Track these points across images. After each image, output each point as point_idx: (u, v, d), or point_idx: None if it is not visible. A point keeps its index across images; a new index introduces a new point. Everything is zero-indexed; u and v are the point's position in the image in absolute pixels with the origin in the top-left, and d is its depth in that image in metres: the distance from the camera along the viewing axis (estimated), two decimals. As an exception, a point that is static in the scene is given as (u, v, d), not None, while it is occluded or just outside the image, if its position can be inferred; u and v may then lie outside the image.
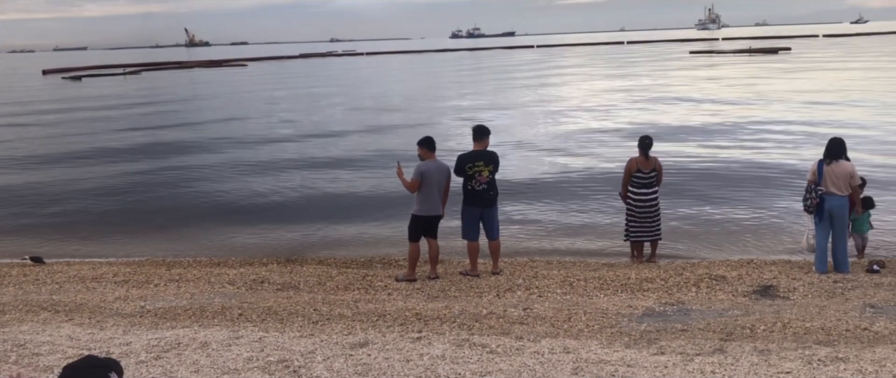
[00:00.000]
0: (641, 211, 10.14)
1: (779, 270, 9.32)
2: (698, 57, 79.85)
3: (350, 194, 15.95)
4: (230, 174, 18.74)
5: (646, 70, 59.10)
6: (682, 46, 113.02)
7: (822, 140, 9.67)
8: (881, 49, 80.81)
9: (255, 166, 19.78)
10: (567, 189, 15.66)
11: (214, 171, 19.35)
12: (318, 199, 15.69)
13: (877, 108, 27.42)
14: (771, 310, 7.45)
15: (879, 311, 7.30)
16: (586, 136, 23.09)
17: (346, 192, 16.15)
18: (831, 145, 9.19)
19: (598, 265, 10.16)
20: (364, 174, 18.11)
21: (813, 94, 33.72)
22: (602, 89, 40.28)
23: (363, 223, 13.51)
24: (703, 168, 17.29)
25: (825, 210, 9.08)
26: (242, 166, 19.86)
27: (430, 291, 8.82)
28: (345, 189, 16.49)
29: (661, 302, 7.87)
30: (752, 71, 52.69)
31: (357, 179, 17.49)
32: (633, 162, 10.12)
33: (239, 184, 17.49)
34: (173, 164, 20.48)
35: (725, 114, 27.40)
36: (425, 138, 9.42)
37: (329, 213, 14.33)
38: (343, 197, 15.75)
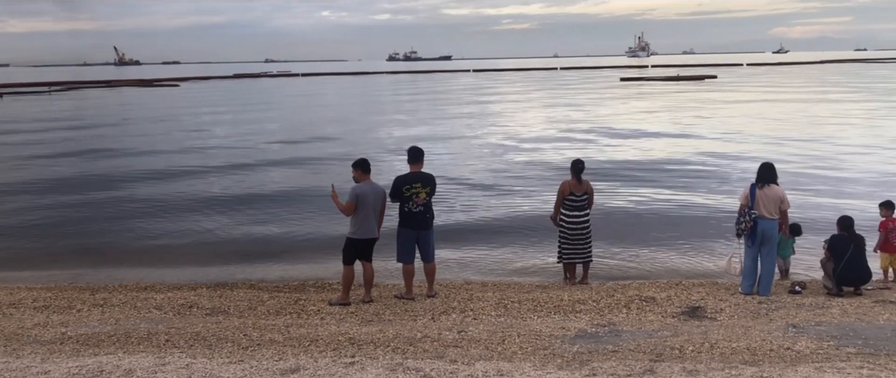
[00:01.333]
0: (573, 233, 10.27)
1: (706, 292, 9.56)
2: (629, 84, 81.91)
3: (282, 218, 15.70)
4: (160, 198, 18.23)
5: (580, 97, 60.26)
6: (613, 73, 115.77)
7: (735, 163, 9.96)
8: (802, 76, 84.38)
9: (186, 190, 19.31)
10: (502, 211, 15.77)
11: (143, 194, 18.82)
12: (250, 222, 15.38)
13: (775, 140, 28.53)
14: (699, 330, 7.61)
15: (801, 330, 7.54)
16: (522, 160, 23.34)
17: (278, 216, 15.89)
18: (763, 170, 9.50)
19: (532, 287, 10.24)
20: (297, 197, 17.88)
21: (737, 120, 34.94)
22: (538, 116, 40.81)
23: (296, 247, 13.31)
24: (633, 192, 17.64)
25: (757, 233, 9.36)
26: (172, 190, 19.36)
27: (364, 315, 8.72)
28: (277, 212, 16.22)
29: (593, 323, 7.96)
30: (680, 98, 54.28)
31: (290, 202, 17.25)
32: (565, 185, 10.27)
33: (168, 208, 17.02)
34: (100, 188, 19.83)
35: (654, 141, 28.11)
36: (360, 160, 9.36)
37: (261, 237, 14.08)
38: (275, 220, 15.49)
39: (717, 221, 13.78)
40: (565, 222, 10.29)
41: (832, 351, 6.82)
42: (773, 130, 30.57)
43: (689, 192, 17.43)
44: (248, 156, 25.44)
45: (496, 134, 29.43)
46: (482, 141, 27.32)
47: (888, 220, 10.06)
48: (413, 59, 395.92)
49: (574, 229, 10.26)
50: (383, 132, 31.76)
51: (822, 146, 25.23)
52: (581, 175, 10.27)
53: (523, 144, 26.37)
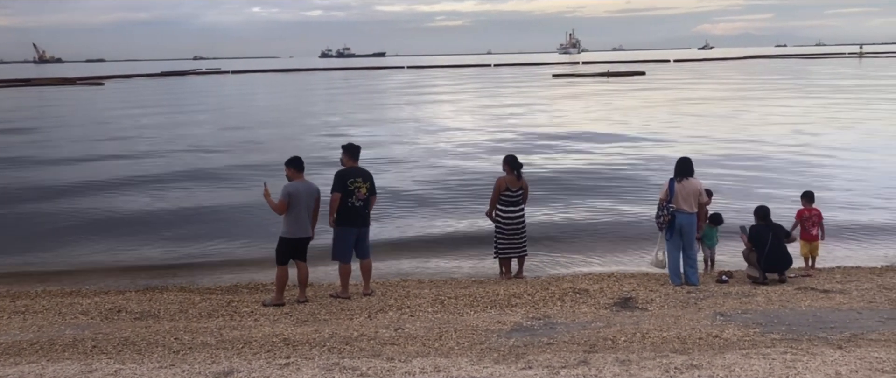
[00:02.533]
0: (509, 228, 10.36)
1: (637, 283, 9.77)
2: (561, 79, 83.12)
3: (214, 218, 15.40)
4: (85, 197, 17.64)
5: (513, 92, 60.83)
6: (546, 69, 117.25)
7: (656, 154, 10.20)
8: (726, 70, 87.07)
9: (112, 189, 18.73)
10: (438, 210, 15.81)
11: (67, 192, 18.18)
12: (180, 224, 15.03)
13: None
14: (631, 321, 7.77)
15: (729, 318, 7.77)
16: (457, 160, 23.42)
17: (209, 216, 15.58)
18: (681, 164, 9.74)
19: (469, 282, 10.29)
20: (229, 196, 17.56)
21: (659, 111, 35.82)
22: (475, 117, 40.98)
23: (229, 247, 13.07)
24: (568, 182, 17.92)
25: (676, 226, 9.59)
26: (99, 189, 18.76)
27: (299, 316, 8.61)
28: (208, 213, 15.90)
29: (528, 316, 8.04)
30: (611, 94, 55.34)
31: (221, 202, 16.92)
32: (502, 181, 10.34)
33: (95, 206, 16.50)
34: (21, 186, 19.08)
35: (585, 137, 28.61)
36: (293, 158, 9.24)
37: (192, 239, 13.77)
38: (207, 221, 15.18)
39: (649, 215, 14.11)
40: (501, 217, 10.36)
41: (758, 337, 7.05)
42: (698, 125, 31.44)
43: (621, 186, 17.80)
44: (175, 160, 24.72)
45: (435, 137, 29.36)
46: (420, 144, 27.25)
47: (805, 209, 10.49)
48: (346, 56, 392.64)
49: (510, 224, 10.34)
50: (318, 138, 31.38)
51: (747, 144, 26.04)
52: (517, 170, 10.36)
53: (460, 148, 26.38)
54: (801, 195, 10.72)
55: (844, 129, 28.60)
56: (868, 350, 6.44)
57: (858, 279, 9.86)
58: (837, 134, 27.30)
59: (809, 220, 10.42)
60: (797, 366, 6.00)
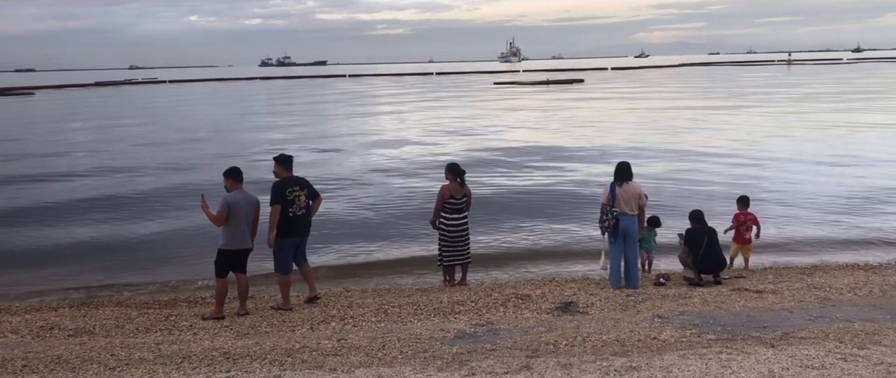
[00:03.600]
0: (453, 236, 10.40)
1: (578, 287, 9.92)
2: (503, 88, 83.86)
3: (151, 231, 15.05)
4: (14, 213, 17.02)
5: (457, 101, 61.10)
6: (487, 77, 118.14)
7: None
8: (663, 77, 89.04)
9: (44, 203, 18.13)
10: (382, 219, 15.75)
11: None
12: (116, 237, 14.63)
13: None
14: (572, 325, 7.88)
15: (666, 320, 7.95)
16: (400, 168, 23.39)
17: (146, 229, 15.21)
18: (620, 168, 9.94)
19: (413, 291, 10.29)
20: (166, 208, 17.18)
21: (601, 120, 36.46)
22: (418, 122, 41.02)
23: (166, 261, 12.78)
24: (509, 193, 18.05)
25: (620, 229, 9.78)
26: (29, 204, 18.12)
27: (239, 328, 8.48)
28: (145, 226, 15.52)
29: (471, 323, 8.08)
30: (551, 102, 56.06)
31: (159, 214, 16.55)
32: (445, 189, 10.38)
33: (25, 223, 15.93)
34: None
35: (529, 142, 28.91)
36: (231, 169, 9.11)
37: (128, 253, 13.43)
38: (144, 234, 14.81)
39: (591, 219, 14.33)
40: (445, 225, 10.40)
41: (694, 338, 7.23)
42: (636, 131, 32.09)
43: (562, 190, 18.04)
44: (104, 179, 23.78)
45: (376, 149, 29.13)
46: (361, 158, 27.07)
47: (741, 213, 10.84)
48: (287, 65, 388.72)
49: (454, 232, 10.39)
50: (259, 155, 30.93)
51: (684, 149, 26.66)
52: (460, 178, 10.42)
53: (401, 161, 26.34)
54: (737, 199, 11.09)
55: (777, 135, 29.51)
56: (799, 348, 6.66)
57: (789, 279, 10.20)
58: (771, 138, 28.17)
59: (745, 224, 10.75)
60: (732, 365, 6.16)
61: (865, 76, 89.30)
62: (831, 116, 36.60)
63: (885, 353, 6.42)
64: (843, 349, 6.58)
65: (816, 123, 33.53)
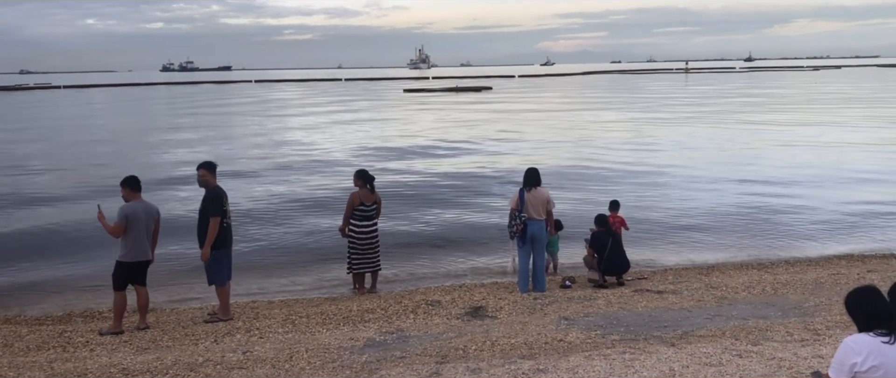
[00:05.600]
0: (363, 243, 10.33)
1: (487, 292, 10.01)
2: (412, 94, 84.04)
3: (44, 242, 14.31)
4: None
5: (366, 107, 60.82)
6: (396, 84, 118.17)
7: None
8: (568, 84, 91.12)
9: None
10: (289, 227, 15.48)
11: None
12: (3, 249, 13.84)
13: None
14: (481, 329, 7.93)
15: (572, 322, 8.10)
16: (307, 175, 23.08)
17: (38, 241, 14.46)
18: (529, 174, 10.10)
19: (321, 300, 10.14)
20: (60, 219, 16.36)
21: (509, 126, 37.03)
22: (326, 130, 40.57)
23: (60, 274, 12.17)
24: (417, 197, 18.07)
25: (528, 234, 9.93)
26: None
27: (139, 343, 8.15)
28: (37, 237, 14.75)
29: (381, 331, 8.03)
30: (459, 108, 56.51)
31: (51, 225, 15.75)
32: (355, 196, 10.30)
33: None
34: None
35: (436, 149, 29.04)
36: (129, 178, 8.75)
37: (18, 264, 12.71)
38: (35, 246, 14.07)
39: (498, 225, 14.49)
40: (355, 232, 10.31)
41: (599, 339, 7.40)
42: (543, 137, 32.72)
43: (472, 197, 18.19)
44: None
45: (283, 155, 28.67)
46: (269, 163, 26.58)
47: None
48: (190, 70, 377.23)
49: (364, 239, 10.31)
50: (160, 158, 29.92)
51: (589, 155, 27.34)
52: (370, 184, 10.36)
53: (310, 167, 25.99)
54: (609, 204, 11.57)
55: (678, 140, 30.64)
56: (697, 346, 6.91)
57: (688, 280, 10.59)
58: (670, 143, 29.23)
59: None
60: (635, 364, 6.34)
61: (757, 83, 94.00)
62: (726, 120, 38.33)
63: (776, 349, 6.73)
64: (738, 346, 6.86)
65: (713, 127, 35.02)
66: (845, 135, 31.40)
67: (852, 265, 11.40)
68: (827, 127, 34.96)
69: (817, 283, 10.02)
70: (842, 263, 11.66)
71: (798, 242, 13.56)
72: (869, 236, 13.86)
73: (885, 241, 13.44)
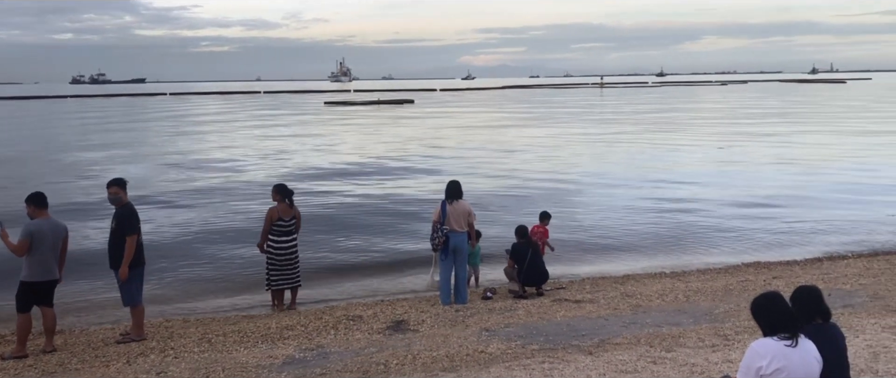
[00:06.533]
0: (282, 259, 10.17)
1: (409, 305, 10.00)
2: (333, 107, 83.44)
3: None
4: None
5: (286, 122, 60.02)
6: (317, 97, 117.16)
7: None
8: (488, 98, 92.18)
9: None
10: (205, 245, 15.09)
11: None
12: None
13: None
14: (402, 343, 7.91)
15: (493, 334, 8.17)
16: (223, 191, 22.58)
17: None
18: (451, 187, 10.16)
19: (238, 318, 9.93)
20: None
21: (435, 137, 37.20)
22: (245, 145, 39.77)
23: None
24: (338, 214, 17.92)
25: (450, 247, 9.97)
26: None
27: (45, 367, 7.78)
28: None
29: (301, 348, 7.91)
30: (381, 122, 56.42)
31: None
32: (273, 211, 10.14)
33: None
34: None
35: (359, 163, 28.90)
36: (34, 194, 8.37)
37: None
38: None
39: (422, 241, 14.51)
40: (273, 248, 10.14)
41: (519, 349, 7.48)
42: (463, 150, 32.98)
43: (391, 210, 18.15)
44: None
45: (200, 172, 27.86)
46: (185, 181, 25.83)
47: (536, 226, 11.49)
48: (101, 82, 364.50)
49: (283, 254, 10.15)
50: (67, 178, 28.70)
51: (508, 168, 27.67)
52: (289, 198, 10.22)
53: (228, 184, 25.44)
54: (540, 214, 11.81)
55: (594, 154, 31.37)
56: (614, 354, 7.08)
57: (605, 288, 10.84)
58: (587, 157, 29.91)
59: (537, 236, 11.37)
60: (554, 374, 6.44)
61: (668, 97, 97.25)
62: (643, 133, 39.49)
63: (689, 355, 6.95)
64: (653, 353, 7.06)
65: (627, 140, 36.01)
66: (753, 149, 32.76)
67: (759, 272, 11.89)
68: (736, 141, 36.40)
69: (727, 289, 10.40)
70: (749, 271, 12.15)
71: (709, 251, 14.06)
72: (774, 245, 14.49)
73: (790, 247, 14.09)
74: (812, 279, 10.46)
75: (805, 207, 18.11)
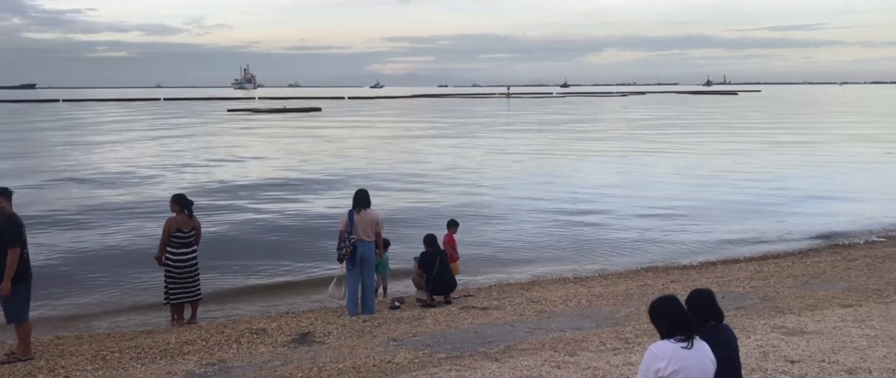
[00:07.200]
0: (181, 271, 9.84)
1: (315, 317, 9.84)
2: (237, 115, 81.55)
3: None
4: None
5: (187, 132, 58.24)
6: (220, 104, 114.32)
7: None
8: (397, 107, 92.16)
9: None
10: (100, 265, 14.31)
11: None
12: None
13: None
14: (308, 356, 7.77)
15: (401, 343, 8.13)
16: (121, 207, 21.67)
17: None
18: (359, 196, 10.06)
19: (136, 334, 9.53)
20: None
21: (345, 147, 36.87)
22: (144, 155, 38.36)
23: None
24: (241, 234, 17.43)
25: (357, 256, 9.87)
26: None
27: (-81, 392, 7.26)
28: None
29: (201, 363, 7.66)
30: (289, 129, 55.53)
31: None
32: (172, 222, 9.80)
33: None
34: None
35: (264, 177, 28.32)
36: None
37: None
38: None
39: (323, 248, 14.30)
40: (172, 261, 9.80)
41: (426, 358, 7.46)
42: (369, 160, 32.83)
43: (293, 221, 17.85)
44: None
45: (94, 185, 26.65)
46: (77, 196, 24.62)
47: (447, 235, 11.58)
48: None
49: (182, 267, 9.82)
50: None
51: (416, 177, 27.71)
52: (188, 209, 9.90)
53: (123, 197, 24.42)
54: (447, 222, 11.89)
55: (502, 165, 31.78)
56: (519, 359, 7.15)
57: (511, 295, 10.97)
58: (495, 165, 30.28)
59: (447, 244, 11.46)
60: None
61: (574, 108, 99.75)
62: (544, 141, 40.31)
63: (591, 359, 7.10)
64: (557, 357, 7.17)
65: (534, 152, 36.69)
66: (653, 159, 33.94)
67: (657, 277, 12.29)
68: (637, 151, 37.64)
69: (627, 294, 10.70)
70: (648, 275, 12.55)
71: (610, 257, 14.44)
72: (672, 250, 15.02)
73: (687, 252, 14.65)
74: (707, 282, 10.89)
75: (701, 213, 18.86)
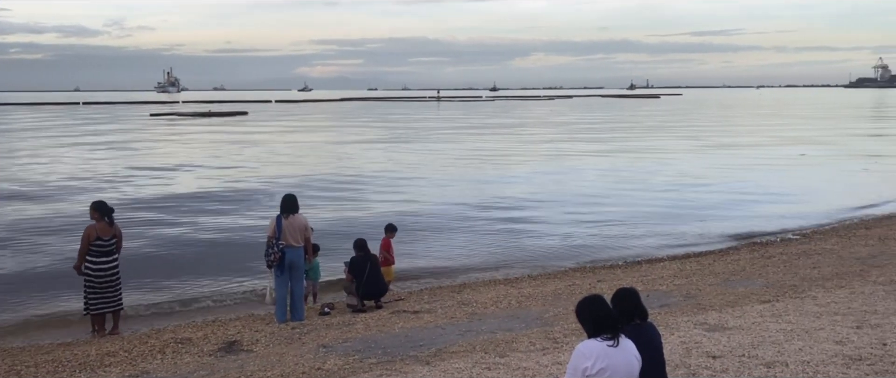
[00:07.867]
0: (101, 281, 9.53)
1: (242, 325, 9.65)
2: (160, 119, 79.44)
3: None
4: None
5: (109, 139, 56.38)
6: (143, 108, 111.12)
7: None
8: (326, 111, 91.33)
9: None
10: (8, 275, 13.75)
11: None
12: None
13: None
14: (235, 365, 7.61)
15: (331, 349, 8.04)
16: (34, 222, 20.83)
17: None
18: (286, 201, 9.92)
19: (53, 346, 9.17)
20: None
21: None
22: (60, 160, 36.96)
23: None
24: (165, 233, 17.04)
25: (286, 262, 9.72)
26: None
27: None
28: None
29: (124, 375, 7.42)
30: (214, 136, 54.38)
31: None
32: (92, 230, 9.48)
33: None
34: None
35: (188, 188, 27.66)
36: None
37: None
38: None
39: (252, 253, 14.02)
40: (92, 270, 9.47)
41: (357, 364, 7.40)
42: (297, 164, 32.45)
43: (219, 227, 17.49)
44: None
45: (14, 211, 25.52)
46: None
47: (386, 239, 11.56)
48: None
49: (102, 276, 9.51)
50: None
51: (346, 181, 27.52)
52: (109, 217, 9.58)
53: (31, 208, 23.47)
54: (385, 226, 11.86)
55: (434, 169, 31.82)
56: (450, 362, 7.17)
57: (442, 298, 11.00)
58: (425, 168, 30.31)
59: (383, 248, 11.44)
60: (391, 386, 6.41)
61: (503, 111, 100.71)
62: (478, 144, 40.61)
63: (521, 359, 7.17)
64: (487, 359, 7.21)
65: (463, 156, 36.90)
66: (581, 161, 34.57)
67: (585, 276, 12.51)
68: (566, 153, 38.27)
69: (556, 294, 10.86)
70: (576, 275, 12.77)
71: (539, 258, 14.63)
72: (598, 250, 15.33)
73: (613, 252, 14.97)
74: (632, 281, 11.14)
75: (628, 214, 19.29)
